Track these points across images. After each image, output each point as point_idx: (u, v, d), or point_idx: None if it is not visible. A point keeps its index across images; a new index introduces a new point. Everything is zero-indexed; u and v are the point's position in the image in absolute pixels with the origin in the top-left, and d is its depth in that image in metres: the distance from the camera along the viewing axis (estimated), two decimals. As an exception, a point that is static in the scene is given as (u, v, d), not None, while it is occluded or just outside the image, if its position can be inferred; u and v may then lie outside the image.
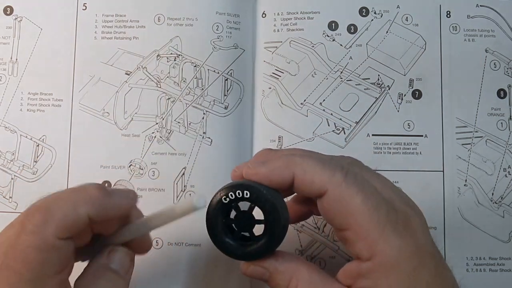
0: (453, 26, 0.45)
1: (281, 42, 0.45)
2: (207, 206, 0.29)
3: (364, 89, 0.45)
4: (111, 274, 0.29)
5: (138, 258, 0.42)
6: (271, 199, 0.29)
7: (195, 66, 0.45)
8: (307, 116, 0.44)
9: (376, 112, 0.44)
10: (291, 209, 0.34)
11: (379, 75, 0.45)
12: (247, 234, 0.31)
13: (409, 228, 0.28)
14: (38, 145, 0.44)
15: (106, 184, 0.43)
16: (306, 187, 0.29)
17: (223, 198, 0.30)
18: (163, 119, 0.44)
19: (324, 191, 0.28)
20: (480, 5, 0.46)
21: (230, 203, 0.30)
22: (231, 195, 0.29)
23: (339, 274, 0.30)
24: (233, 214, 0.31)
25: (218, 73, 0.44)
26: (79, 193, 0.28)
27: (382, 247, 0.27)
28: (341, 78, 0.45)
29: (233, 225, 0.31)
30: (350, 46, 0.45)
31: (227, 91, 0.44)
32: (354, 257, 0.29)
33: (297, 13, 0.45)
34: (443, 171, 0.44)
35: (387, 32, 0.45)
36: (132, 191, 0.31)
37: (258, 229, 0.30)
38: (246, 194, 0.29)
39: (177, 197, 0.43)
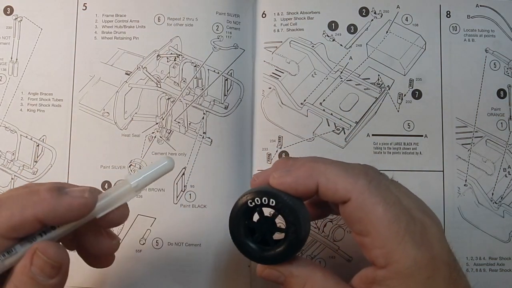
0: (453, 26, 0.45)
1: (281, 42, 0.45)
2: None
3: (364, 89, 0.45)
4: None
5: (138, 258, 0.43)
6: (295, 211, 0.30)
7: (195, 66, 0.45)
8: (307, 116, 0.44)
9: (376, 112, 0.44)
10: (309, 209, 0.34)
11: (379, 75, 0.45)
12: (267, 238, 0.32)
13: (426, 237, 0.29)
14: (38, 145, 0.44)
15: (106, 185, 0.43)
16: (330, 195, 0.30)
17: (249, 201, 0.30)
18: (163, 119, 0.44)
19: (348, 199, 0.29)
20: (480, 5, 0.46)
21: (255, 207, 0.31)
22: (257, 200, 0.30)
23: (354, 279, 0.30)
24: (256, 217, 0.32)
25: (218, 73, 0.44)
26: (30, 195, 0.28)
27: (399, 257, 0.28)
28: (341, 78, 0.45)
29: (254, 228, 0.32)
30: (350, 46, 0.45)
31: (227, 91, 0.44)
32: (369, 263, 0.30)
33: (297, 13, 0.45)
34: (443, 171, 0.44)
35: (387, 32, 0.45)
36: (88, 190, 0.29)
37: (279, 235, 0.31)
38: (272, 202, 0.30)
39: (177, 197, 0.43)
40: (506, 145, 0.44)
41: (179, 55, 0.45)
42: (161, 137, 0.44)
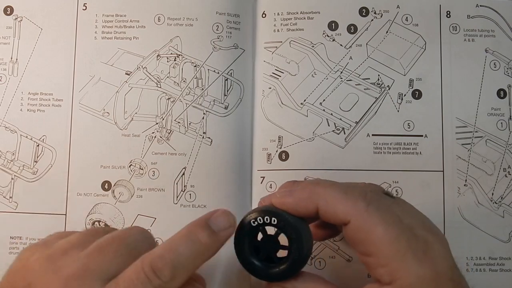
0: (453, 26, 0.45)
1: (281, 42, 0.45)
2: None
3: (364, 89, 0.45)
4: None
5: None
6: (297, 228, 0.31)
7: (195, 66, 0.45)
8: (307, 116, 0.44)
9: (376, 112, 0.44)
10: (317, 231, 0.36)
11: (379, 75, 0.45)
12: (271, 255, 0.33)
13: (429, 254, 0.29)
14: (38, 145, 0.44)
15: (106, 185, 0.43)
16: (330, 217, 0.31)
17: (252, 220, 0.32)
18: (163, 119, 0.44)
19: (347, 221, 0.30)
20: (480, 5, 0.46)
21: (258, 226, 0.32)
22: (259, 219, 0.31)
23: None
24: (260, 236, 0.33)
25: (218, 73, 0.44)
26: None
27: (402, 274, 0.28)
28: (341, 78, 0.45)
29: (259, 246, 0.33)
30: (350, 46, 0.45)
31: (227, 91, 0.44)
32: (375, 280, 0.30)
33: (297, 13, 0.45)
34: (443, 171, 0.44)
35: (387, 32, 0.45)
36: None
37: (283, 252, 0.32)
38: (274, 220, 0.31)
39: (177, 197, 0.43)
40: (506, 145, 0.44)
41: (179, 55, 0.45)
42: (161, 137, 0.44)
